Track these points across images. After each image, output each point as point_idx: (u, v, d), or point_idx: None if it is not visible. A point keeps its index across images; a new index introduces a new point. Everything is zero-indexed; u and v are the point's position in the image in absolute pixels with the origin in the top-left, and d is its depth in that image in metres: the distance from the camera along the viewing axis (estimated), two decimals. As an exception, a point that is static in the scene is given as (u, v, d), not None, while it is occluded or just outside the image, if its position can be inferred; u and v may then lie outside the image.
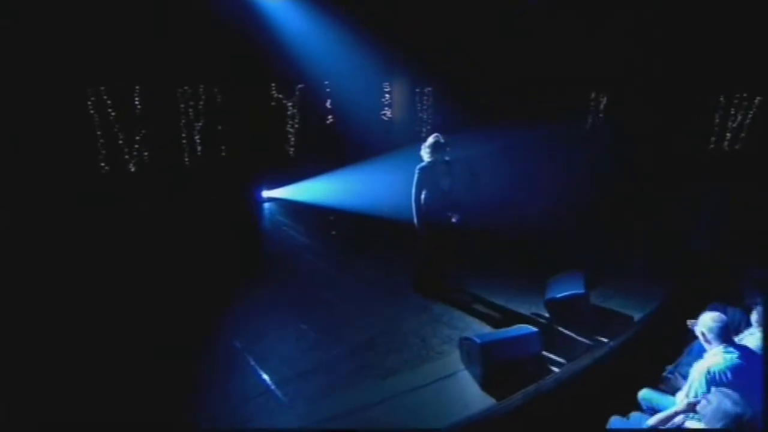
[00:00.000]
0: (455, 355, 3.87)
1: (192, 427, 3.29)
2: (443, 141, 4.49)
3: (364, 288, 5.09)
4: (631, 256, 5.53)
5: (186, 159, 8.24)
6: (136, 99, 7.67)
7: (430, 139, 4.52)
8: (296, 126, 9.35)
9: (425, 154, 4.51)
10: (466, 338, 3.67)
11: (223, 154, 8.51)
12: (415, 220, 4.60)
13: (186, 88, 8.17)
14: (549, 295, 4.43)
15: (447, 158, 4.61)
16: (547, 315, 4.43)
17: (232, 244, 6.23)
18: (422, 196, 4.56)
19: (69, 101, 6.96)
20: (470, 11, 9.16)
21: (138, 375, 3.61)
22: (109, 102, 7.42)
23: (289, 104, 9.17)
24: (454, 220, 4.72)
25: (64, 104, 6.86)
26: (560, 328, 4.25)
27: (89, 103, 7.25)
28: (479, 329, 4.27)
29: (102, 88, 7.32)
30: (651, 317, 4.39)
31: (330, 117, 9.71)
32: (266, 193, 8.21)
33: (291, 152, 9.40)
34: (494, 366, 3.47)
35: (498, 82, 10.12)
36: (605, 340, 4.06)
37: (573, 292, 4.27)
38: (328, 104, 9.62)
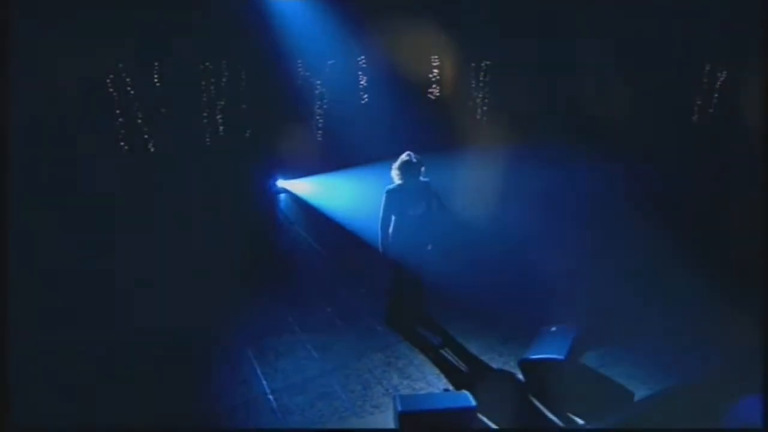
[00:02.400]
0: (390, 414, 3.86)
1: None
2: (416, 160, 4.32)
3: (334, 314, 5.16)
4: (670, 310, 4.95)
5: (207, 139, 8.84)
6: (155, 76, 8.33)
7: (403, 157, 4.38)
8: (325, 107, 9.49)
9: (394, 175, 4.40)
10: (395, 399, 3.62)
11: (247, 134, 9.01)
12: (380, 247, 4.56)
13: (207, 64, 8.68)
14: (527, 352, 4.18)
15: (425, 179, 4.46)
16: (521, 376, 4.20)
17: (222, 239, 6.59)
18: (391, 223, 4.50)
19: (88, 78, 7.72)
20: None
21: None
22: (128, 80, 8.15)
23: (318, 82, 9.31)
24: (429, 248, 4.62)
25: (83, 82, 7.63)
26: (531, 398, 4.02)
27: (108, 80, 8.02)
28: (434, 383, 4.14)
29: (120, 64, 8.05)
30: (654, 400, 3.97)
31: (365, 96, 9.70)
32: (281, 183, 8.52)
33: (318, 136, 9.59)
34: (415, 439, 3.41)
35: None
36: (581, 421, 3.78)
37: (550, 355, 3.98)
38: (363, 82, 9.60)
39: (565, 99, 8.96)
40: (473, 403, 3.49)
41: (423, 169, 4.38)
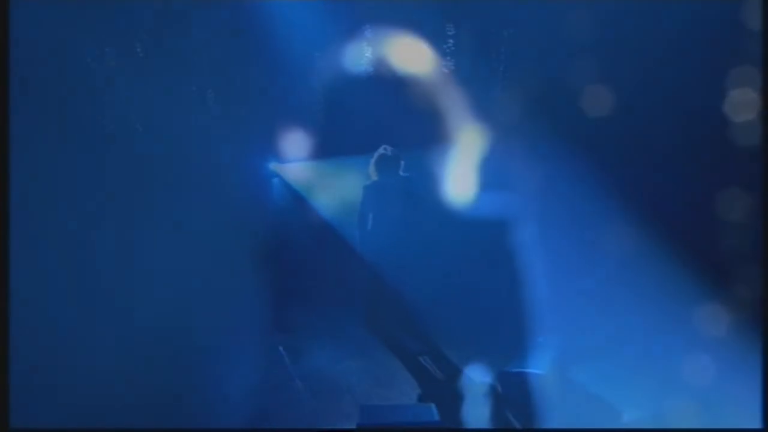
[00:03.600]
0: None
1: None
2: (391, 154, 4.44)
3: (313, 315, 5.39)
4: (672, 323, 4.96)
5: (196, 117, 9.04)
6: (140, 48, 8.52)
7: (379, 151, 4.49)
8: (327, 83, 9.52)
9: (371, 171, 4.53)
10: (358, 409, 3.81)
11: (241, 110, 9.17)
12: (357, 247, 4.72)
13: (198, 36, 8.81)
14: (509, 363, 4.32)
15: (405, 175, 4.58)
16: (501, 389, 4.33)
17: (203, 228, 6.79)
18: (369, 221, 4.65)
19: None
20: None
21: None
22: (106, 50, 8.35)
23: (318, 54, 9.33)
24: (411, 249, 4.75)
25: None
26: (507, 413, 4.15)
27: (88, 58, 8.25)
28: (408, 392, 4.31)
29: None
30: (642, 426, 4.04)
31: (371, 71, 9.69)
32: (275, 167, 8.63)
33: (319, 116, 9.66)
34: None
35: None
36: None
37: (529, 368, 4.12)
38: (368, 54, 9.59)
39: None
40: (436, 417, 3.65)
41: (402, 163, 4.48)
